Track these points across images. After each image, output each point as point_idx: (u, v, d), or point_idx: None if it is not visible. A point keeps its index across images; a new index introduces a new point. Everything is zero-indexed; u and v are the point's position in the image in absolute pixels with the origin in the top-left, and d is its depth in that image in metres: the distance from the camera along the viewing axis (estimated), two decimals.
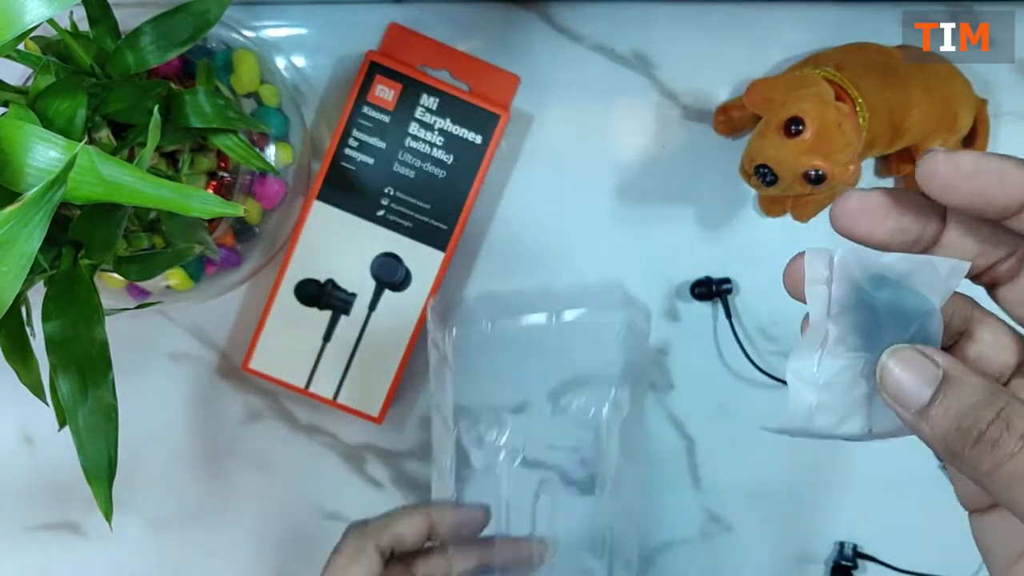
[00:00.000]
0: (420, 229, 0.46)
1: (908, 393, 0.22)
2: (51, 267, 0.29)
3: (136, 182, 0.25)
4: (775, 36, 0.47)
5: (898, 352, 0.22)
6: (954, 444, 0.21)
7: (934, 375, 0.22)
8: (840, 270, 0.23)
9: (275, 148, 0.43)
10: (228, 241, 0.44)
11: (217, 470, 0.50)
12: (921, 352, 0.22)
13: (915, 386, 0.22)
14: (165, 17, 0.33)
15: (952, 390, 0.21)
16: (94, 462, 0.29)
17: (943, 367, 0.22)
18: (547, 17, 0.48)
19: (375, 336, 0.47)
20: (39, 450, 0.50)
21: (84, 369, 0.29)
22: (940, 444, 0.21)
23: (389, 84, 0.45)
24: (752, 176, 0.38)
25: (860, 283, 0.23)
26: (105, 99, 0.32)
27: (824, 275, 0.23)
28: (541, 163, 0.49)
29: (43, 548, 0.51)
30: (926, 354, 0.22)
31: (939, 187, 0.22)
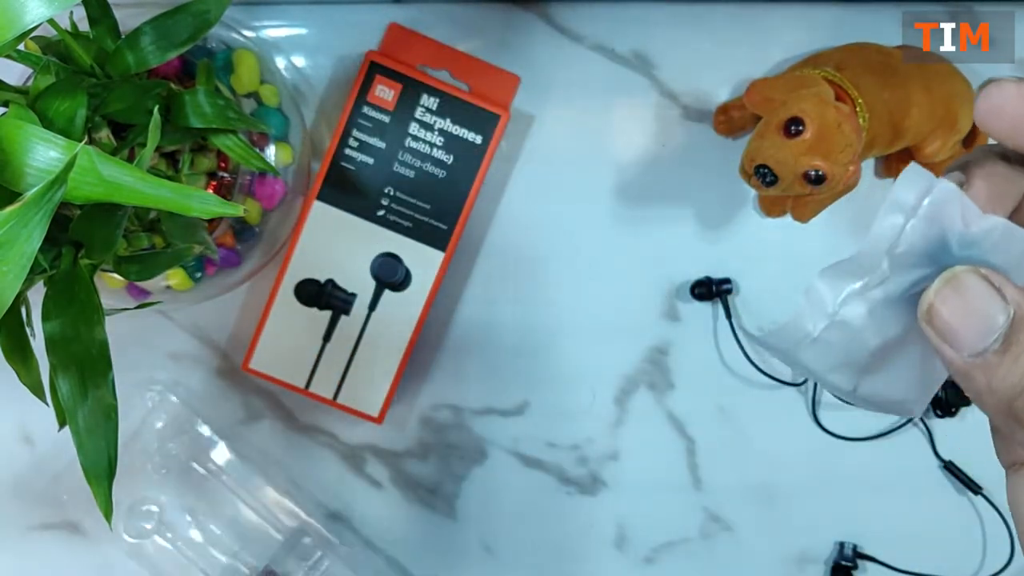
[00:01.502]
0: (420, 229, 0.46)
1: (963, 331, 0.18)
2: (51, 267, 0.29)
3: (136, 182, 0.25)
4: (775, 36, 0.47)
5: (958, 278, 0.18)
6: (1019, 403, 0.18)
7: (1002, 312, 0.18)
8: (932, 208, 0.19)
9: (275, 148, 0.43)
10: (228, 241, 0.44)
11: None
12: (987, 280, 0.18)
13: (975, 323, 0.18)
14: (165, 17, 0.33)
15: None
16: (94, 462, 0.29)
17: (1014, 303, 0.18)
18: (547, 17, 0.48)
19: (375, 336, 0.47)
20: (39, 450, 0.50)
21: (84, 369, 0.29)
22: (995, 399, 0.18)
23: (389, 84, 0.45)
24: (752, 176, 0.38)
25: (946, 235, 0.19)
26: (105, 99, 0.32)
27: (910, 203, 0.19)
28: (541, 163, 0.49)
29: (43, 548, 0.51)
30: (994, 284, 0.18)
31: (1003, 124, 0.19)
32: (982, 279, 0.18)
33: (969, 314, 0.18)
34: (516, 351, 0.49)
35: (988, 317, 0.18)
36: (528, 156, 0.49)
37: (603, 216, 0.49)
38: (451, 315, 0.50)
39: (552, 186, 0.49)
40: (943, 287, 0.19)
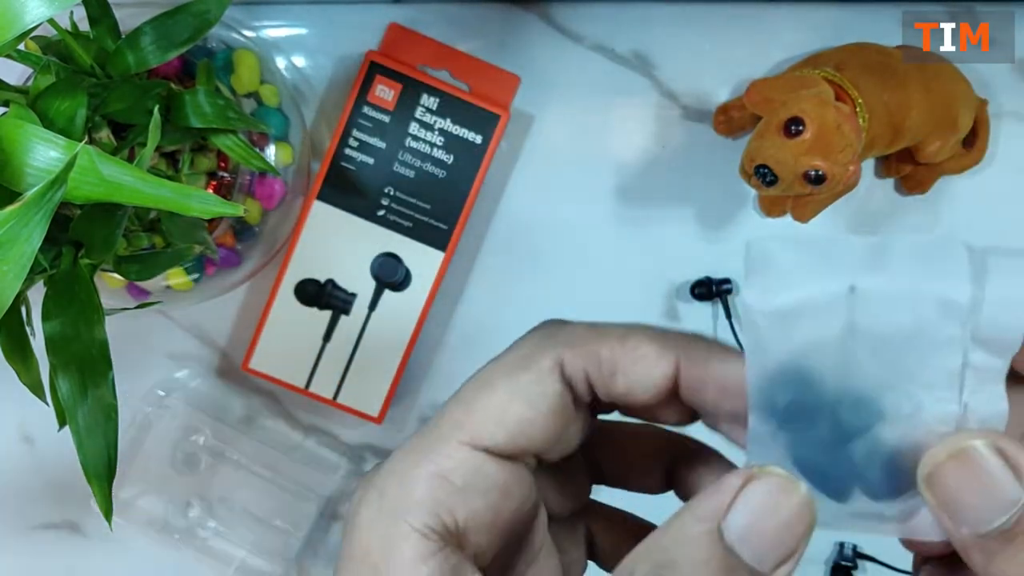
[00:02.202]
0: (420, 229, 0.46)
1: (968, 507, 0.17)
2: (51, 267, 0.29)
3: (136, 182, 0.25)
4: (775, 36, 0.47)
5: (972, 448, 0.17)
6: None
7: (1015, 493, 0.16)
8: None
9: (275, 148, 0.43)
10: (228, 241, 0.44)
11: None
12: (1003, 454, 0.16)
13: (982, 501, 0.16)
14: (165, 17, 0.33)
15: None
16: (94, 462, 0.29)
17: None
18: (547, 17, 0.48)
19: (375, 336, 0.47)
20: (39, 450, 0.50)
21: (84, 369, 0.29)
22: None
23: (389, 84, 0.45)
24: (752, 176, 0.38)
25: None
26: (105, 99, 0.32)
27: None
28: (541, 163, 0.49)
29: (43, 548, 0.51)
30: (1010, 459, 0.16)
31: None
32: (998, 453, 0.17)
33: (978, 490, 0.16)
34: None
35: (998, 497, 0.16)
36: (528, 156, 0.49)
37: (603, 216, 0.49)
38: (451, 315, 0.49)
39: (552, 186, 0.49)
40: (952, 455, 0.17)
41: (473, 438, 0.21)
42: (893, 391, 0.18)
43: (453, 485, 0.21)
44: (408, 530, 0.20)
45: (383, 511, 0.21)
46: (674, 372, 0.21)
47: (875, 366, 0.18)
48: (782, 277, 0.18)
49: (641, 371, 0.21)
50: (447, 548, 0.20)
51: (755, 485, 0.17)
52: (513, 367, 0.22)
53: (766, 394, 0.19)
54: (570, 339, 0.22)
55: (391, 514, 0.20)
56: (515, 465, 0.22)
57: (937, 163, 0.45)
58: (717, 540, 0.17)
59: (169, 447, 0.49)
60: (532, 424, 0.21)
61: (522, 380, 0.21)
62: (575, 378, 0.22)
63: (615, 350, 0.21)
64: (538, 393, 0.21)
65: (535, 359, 0.22)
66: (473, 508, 0.21)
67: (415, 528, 0.20)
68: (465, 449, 0.21)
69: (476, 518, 0.21)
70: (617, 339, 0.22)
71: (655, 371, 0.21)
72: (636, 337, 0.21)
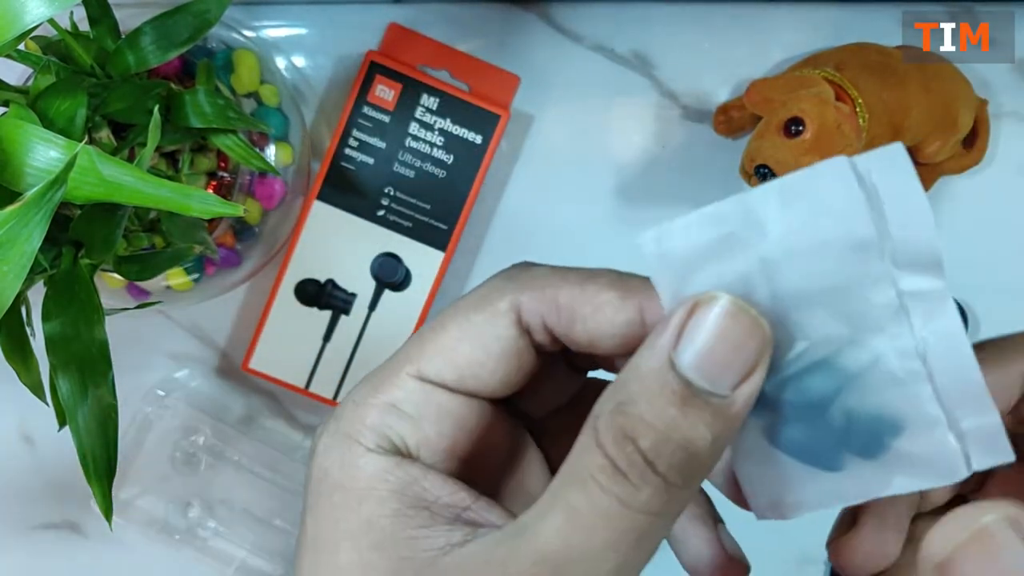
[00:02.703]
0: (420, 229, 0.46)
1: None
2: (51, 267, 0.29)
3: (136, 182, 0.25)
4: (775, 36, 0.47)
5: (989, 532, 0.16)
6: None
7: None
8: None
9: (275, 148, 0.43)
10: (228, 241, 0.44)
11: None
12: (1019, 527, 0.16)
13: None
14: (165, 17, 0.33)
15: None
16: (94, 462, 0.29)
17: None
18: (547, 17, 0.48)
19: (375, 336, 0.47)
20: (39, 450, 0.50)
21: (84, 369, 0.29)
22: None
23: (389, 84, 0.45)
24: (752, 176, 0.38)
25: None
26: (105, 99, 0.32)
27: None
28: (541, 163, 0.49)
29: (43, 548, 0.51)
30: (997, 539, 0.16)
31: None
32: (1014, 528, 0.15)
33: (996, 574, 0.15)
34: None
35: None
36: (528, 156, 0.49)
37: (603, 216, 0.49)
38: None
39: (552, 186, 0.49)
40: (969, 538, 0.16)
41: (420, 372, 0.21)
42: (846, 345, 0.17)
43: (403, 412, 0.21)
44: (363, 450, 0.20)
45: (338, 435, 0.21)
46: (638, 319, 0.20)
47: (815, 326, 0.17)
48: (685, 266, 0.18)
49: (602, 319, 0.20)
50: (406, 460, 0.20)
51: (701, 311, 0.17)
52: (468, 308, 0.21)
53: None
54: (529, 282, 0.21)
55: (346, 437, 0.21)
56: (469, 399, 0.21)
57: (937, 163, 0.45)
58: (670, 370, 0.17)
59: (169, 447, 0.49)
60: (482, 366, 0.21)
61: (474, 320, 0.21)
62: (532, 323, 0.21)
63: (574, 296, 0.21)
64: (490, 335, 0.21)
65: (491, 300, 0.21)
66: (424, 435, 0.21)
67: (369, 448, 0.20)
68: (414, 381, 0.21)
69: (428, 445, 0.21)
70: (577, 284, 0.21)
71: (617, 318, 0.20)
72: (597, 283, 0.21)
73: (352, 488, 0.20)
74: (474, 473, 0.22)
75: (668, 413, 0.17)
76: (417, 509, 0.20)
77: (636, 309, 0.20)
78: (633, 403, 0.17)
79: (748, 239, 0.17)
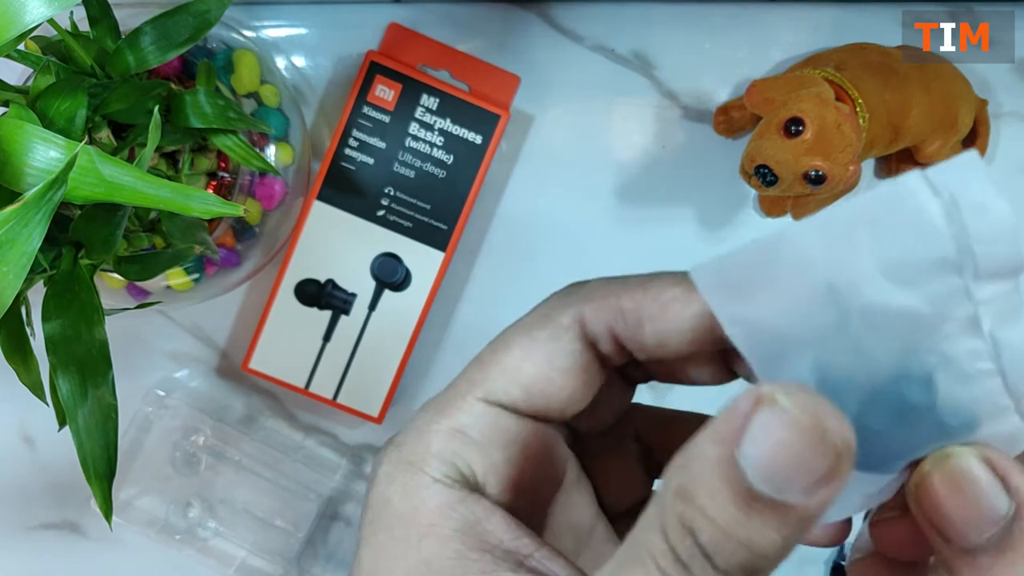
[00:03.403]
0: (420, 229, 0.46)
1: (956, 521, 0.16)
2: (51, 267, 0.29)
3: (136, 182, 0.25)
4: (775, 36, 0.47)
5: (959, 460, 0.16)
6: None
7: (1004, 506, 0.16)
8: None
9: (275, 148, 0.43)
10: (228, 241, 0.44)
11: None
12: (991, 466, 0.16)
13: (969, 514, 0.16)
14: (165, 17, 0.33)
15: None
16: (94, 462, 0.29)
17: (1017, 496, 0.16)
18: (547, 17, 0.48)
19: (375, 336, 0.47)
20: (39, 450, 0.50)
21: (84, 369, 0.29)
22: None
23: (389, 84, 0.45)
24: (752, 176, 0.38)
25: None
26: (105, 99, 0.32)
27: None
28: (541, 163, 0.49)
29: (43, 548, 0.51)
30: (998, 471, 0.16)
31: None
32: (985, 466, 0.16)
33: (964, 502, 0.16)
34: None
35: (986, 511, 0.16)
36: (528, 156, 0.49)
37: (603, 216, 0.49)
38: (451, 315, 0.50)
39: (552, 186, 0.49)
40: (939, 468, 0.16)
41: (487, 394, 0.20)
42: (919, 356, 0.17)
43: (470, 438, 0.20)
44: (429, 480, 0.20)
45: (401, 463, 0.20)
46: (708, 311, 0.18)
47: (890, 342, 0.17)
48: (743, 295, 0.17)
49: (671, 316, 0.19)
50: (472, 495, 0.20)
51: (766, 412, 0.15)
52: (530, 326, 0.21)
53: None
54: (589, 294, 0.20)
55: (408, 465, 0.20)
56: (538, 423, 0.21)
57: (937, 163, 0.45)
58: (733, 466, 0.15)
59: (169, 447, 0.49)
60: (550, 382, 0.20)
61: (538, 337, 0.20)
62: (598, 334, 0.20)
63: (638, 298, 0.20)
64: (555, 350, 0.20)
65: (552, 316, 0.20)
66: (492, 461, 0.20)
67: (435, 478, 0.20)
68: (480, 404, 0.20)
69: (496, 471, 0.20)
70: (639, 287, 0.20)
71: (686, 312, 0.19)
72: (660, 281, 0.20)
73: (414, 522, 0.19)
74: (531, 499, 0.21)
75: (729, 511, 0.15)
76: (480, 552, 0.19)
77: (703, 302, 0.18)
78: (694, 492, 0.15)
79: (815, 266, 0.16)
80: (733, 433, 0.15)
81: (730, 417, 0.15)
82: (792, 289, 0.17)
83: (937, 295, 0.16)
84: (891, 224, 0.16)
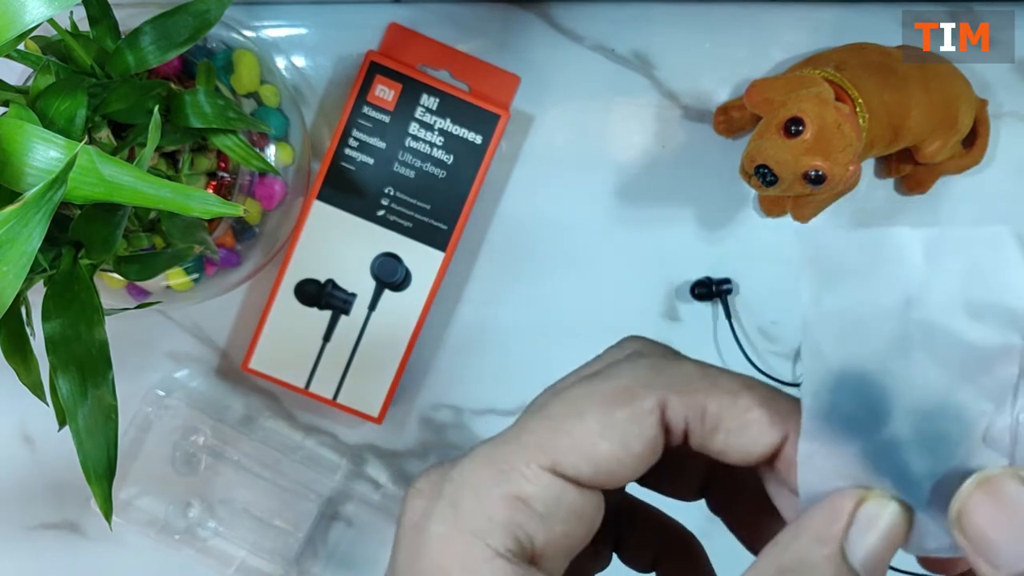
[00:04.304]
0: (420, 229, 0.46)
1: (1001, 545, 0.16)
2: (51, 267, 0.29)
3: (136, 182, 0.25)
4: (775, 36, 0.47)
5: (995, 482, 0.17)
6: None
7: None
8: None
9: (275, 148, 0.43)
10: (228, 241, 0.44)
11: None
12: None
13: (1015, 537, 0.16)
14: (165, 17, 0.33)
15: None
16: (94, 462, 0.29)
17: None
18: (547, 17, 0.48)
19: (375, 336, 0.47)
20: (39, 450, 0.50)
21: (84, 369, 0.29)
22: None
23: (389, 84, 0.45)
24: (752, 176, 0.38)
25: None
26: (105, 99, 0.32)
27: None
28: (541, 163, 0.49)
29: (43, 548, 0.51)
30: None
31: None
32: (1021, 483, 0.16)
33: (1008, 526, 0.16)
34: (516, 351, 0.49)
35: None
36: (528, 156, 0.49)
37: (603, 216, 0.49)
38: (451, 315, 0.50)
39: (552, 186, 0.49)
40: (976, 491, 0.17)
41: (556, 465, 0.20)
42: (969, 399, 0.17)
43: (533, 510, 0.20)
44: (491, 553, 0.19)
45: (460, 528, 0.20)
46: (780, 444, 0.20)
47: (937, 374, 0.17)
48: (834, 276, 0.18)
49: (747, 438, 0.20)
50: (530, 570, 0.19)
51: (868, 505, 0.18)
52: (610, 398, 0.20)
53: (830, 396, 0.18)
54: (678, 383, 0.20)
55: (470, 533, 0.19)
56: (594, 493, 0.21)
57: (937, 163, 0.45)
58: (841, 560, 0.18)
59: (169, 447, 0.49)
60: (621, 464, 0.20)
61: (618, 416, 0.20)
62: (674, 425, 0.20)
63: (724, 407, 0.20)
64: (634, 434, 0.20)
65: (636, 396, 0.20)
66: (552, 534, 0.20)
67: (498, 552, 0.19)
68: (547, 475, 0.20)
69: (553, 544, 0.20)
70: (729, 394, 0.20)
71: (761, 440, 0.20)
72: (749, 397, 0.20)
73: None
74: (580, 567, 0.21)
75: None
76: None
77: (781, 436, 0.20)
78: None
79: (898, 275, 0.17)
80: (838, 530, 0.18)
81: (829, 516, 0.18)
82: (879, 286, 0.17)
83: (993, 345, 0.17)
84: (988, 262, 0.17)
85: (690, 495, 0.25)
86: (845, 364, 0.18)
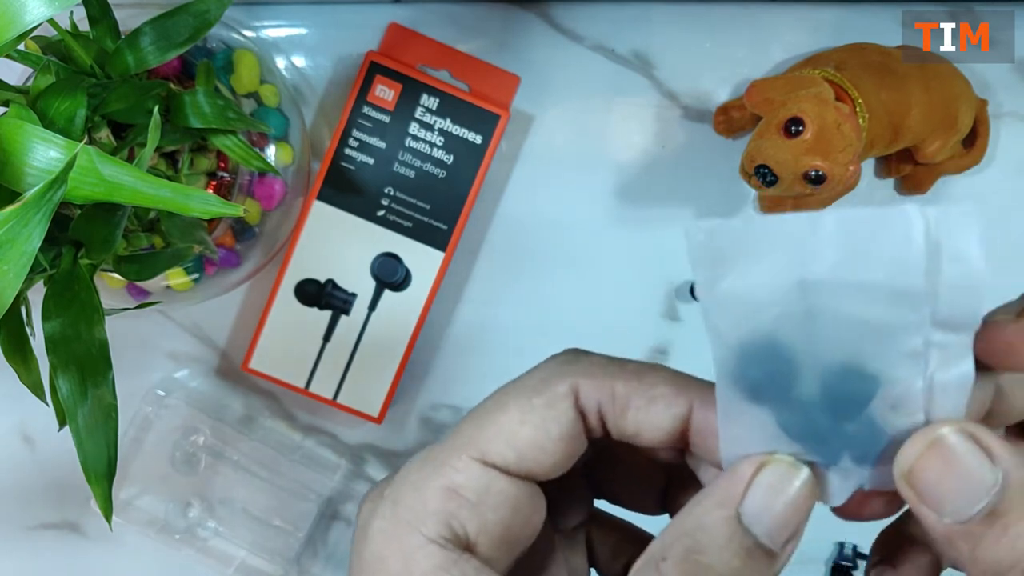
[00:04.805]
0: (420, 229, 0.46)
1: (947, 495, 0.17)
2: (51, 267, 0.29)
3: (136, 182, 0.25)
4: (775, 36, 0.47)
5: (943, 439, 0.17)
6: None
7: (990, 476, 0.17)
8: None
9: (275, 148, 0.43)
10: (228, 241, 0.44)
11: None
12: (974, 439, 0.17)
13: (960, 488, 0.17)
14: (165, 17, 0.33)
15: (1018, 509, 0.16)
16: (94, 462, 0.29)
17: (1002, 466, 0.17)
18: (547, 17, 0.48)
19: (375, 336, 0.47)
20: (39, 450, 0.50)
21: (84, 369, 0.29)
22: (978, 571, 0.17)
23: (389, 84, 0.45)
24: (752, 176, 0.38)
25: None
26: (105, 99, 0.32)
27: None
28: (541, 163, 0.49)
29: (43, 548, 0.51)
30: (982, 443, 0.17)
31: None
32: (969, 439, 0.17)
33: (954, 478, 0.17)
34: (516, 351, 0.49)
35: (976, 482, 0.17)
36: (528, 156, 0.49)
37: (603, 216, 0.49)
38: (451, 315, 0.50)
39: (552, 186, 0.49)
40: (926, 449, 0.17)
41: (483, 454, 0.21)
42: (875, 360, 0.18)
43: (464, 499, 0.21)
44: (424, 540, 0.20)
45: (397, 521, 0.21)
46: (687, 415, 0.21)
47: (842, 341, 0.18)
48: (725, 262, 0.18)
49: (654, 412, 0.21)
50: (464, 555, 0.20)
51: (767, 471, 0.19)
52: (528, 389, 0.22)
53: (735, 369, 0.19)
54: (588, 369, 0.22)
55: (405, 524, 0.21)
56: (525, 483, 0.22)
57: (937, 163, 0.45)
58: (736, 523, 0.19)
59: (169, 447, 0.49)
60: (542, 448, 0.21)
61: (535, 403, 0.21)
62: (588, 409, 0.22)
63: (632, 386, 0.21)
64: (550, 418, 0.21)
65: (550, 384, 0.22)
66: (484, 522, 0.21)
67: (431, 539, 0.20)
68: (477, 465, 0.21)
69: (487, 531, 0.21)
70: (634, 374, 0.22)
71: (668, 412, 0.21)
72: (654, 376, 0.21)
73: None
74: (517, 556, 0.22)
75: (733, 564, 0.19)
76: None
77: (687, 407, 0.21)
78: (701, 552, 0.19)
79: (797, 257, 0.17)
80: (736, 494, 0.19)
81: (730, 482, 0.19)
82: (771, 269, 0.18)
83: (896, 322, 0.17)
84: (878, 243, 0.17)
85: (652, 508, 0.26)
86: (746, 338, 0.18)
